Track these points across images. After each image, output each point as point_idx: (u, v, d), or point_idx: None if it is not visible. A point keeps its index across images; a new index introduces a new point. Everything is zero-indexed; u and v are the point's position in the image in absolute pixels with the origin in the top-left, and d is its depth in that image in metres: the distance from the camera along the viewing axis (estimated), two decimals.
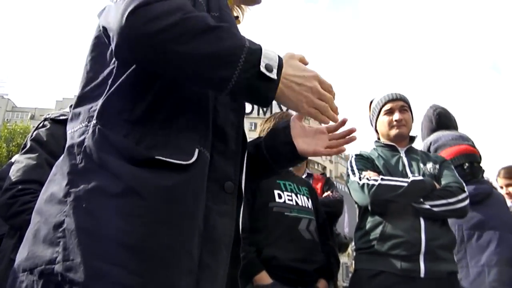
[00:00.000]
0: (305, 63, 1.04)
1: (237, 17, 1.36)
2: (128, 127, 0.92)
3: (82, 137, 0.93)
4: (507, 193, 3.67)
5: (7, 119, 48.42)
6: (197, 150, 0.94)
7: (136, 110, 0.94)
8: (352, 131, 1.30)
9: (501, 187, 3.74)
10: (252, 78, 0.91)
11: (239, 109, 1.11)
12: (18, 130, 26.12)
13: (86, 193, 0.86)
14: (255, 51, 0.92)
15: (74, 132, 0.97)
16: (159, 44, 0.87)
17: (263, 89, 0.94)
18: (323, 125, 1.24)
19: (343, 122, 1.30)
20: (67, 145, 0.96)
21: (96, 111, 0.95)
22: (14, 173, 1.91)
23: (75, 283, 0.81)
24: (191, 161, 0.92)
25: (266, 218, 2.30)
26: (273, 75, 0.93)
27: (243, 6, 1.41)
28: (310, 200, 2.52)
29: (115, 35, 0.89)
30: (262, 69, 0.92)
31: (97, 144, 0.90)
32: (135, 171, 0.87)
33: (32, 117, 48.54)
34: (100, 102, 0.96)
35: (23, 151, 2.02)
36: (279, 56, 0.97)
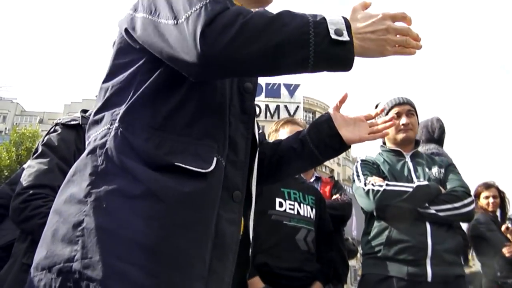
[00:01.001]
0: (368, 6, 1.04)
1: None
2: (149, 131, 0.95)
3: (104, 139, 0.96)
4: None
5: (16, 123, 48.67)
6: (215, 159, 0.97)
7: (158, 116, 0.97)
8: (393, 118, 1.34)
9: None
10: (328, 48, 0.93)
11: (248, 121, 1.13)
12: (27, 134, 26.20)
13: (107, 194, 0.89)
14: (320, 23, 0.94)
15: (97, 134, 1.00)
16: (235, 53, 0.89)
17: (341, 53, 0.95)
18: (361, 114, 1.34)
19: (382, 110, 1.35)
20: (89, 147, 0.98)
21: (119, 114, 0.97)
22: (25, 178, 1.93)
23: (92, 280, 0.83)
24: (209, 170, 0.95)
25: (263, 225, 2.29)
26: (345, 37, 0.94)
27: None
28: (314, 209, 2.51)
29: (192, 62, 0.90)
30: (333, 35, 0.93)
31: (118, 147, 0.93)
32: (155, 176, 0.90)
33: (41, 121, 48.78)
34: (123, 106, 0.98)
35: (34, 155, 2.04)
36: (344, 17, 0.98)
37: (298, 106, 50.08)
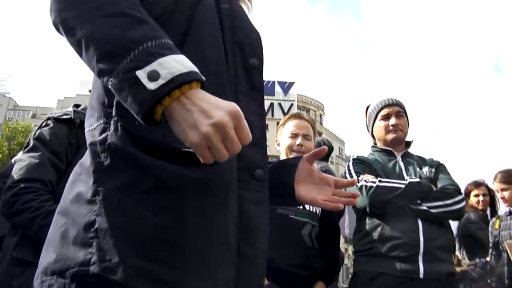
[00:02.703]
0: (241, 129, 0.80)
1: None
2: None
3: (104, 135, 0.90)
4: (501, 197, 3.68)
5: (9, 118, 48.35)
6: None
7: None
8: (356, 195, 1.24)
9: (497, 191, 3.76)
10: (125, 80, 0.75)
11: (259, 98, 1.08)
12: (20, 128, 26.11)
13: (116, 191, 0.84)
14: (152, 54, 0.76)
15: (93, 130, 0.93)
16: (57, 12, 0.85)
17: (132, 97, 0.75)
18: (332, 177, 1.23)
19: (353, 183, 1.27)
20: (88, 144, 0.93)
21: (114, 107, 0.91)
22: (16, 172, 1.92)
23: (115, 284, 0.79)
24: None
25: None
26: (151, 85, 0.73)
27: None
28: (316, 209, 2.50)
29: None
30: (139, 73, 0.74)
31: (121, 141, 0.88)
32: (163, 165, 0.86)
33: (34, 116, 48.49)
34: (116, 98, 0.90)
35: (26, 149, 2.02)
36: (192, 73, 0.78)
37: (292, 104, 50.17)
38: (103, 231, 0.82)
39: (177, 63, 0.77)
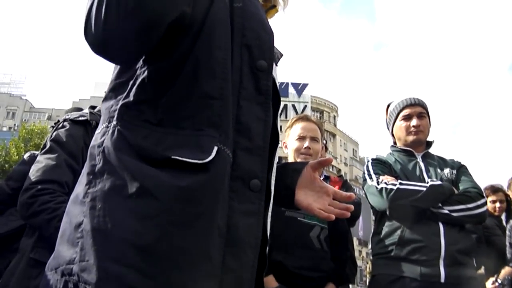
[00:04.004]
0: None
1: (274, 6, 1.31)
2: (149, 128, 0.91)
3: (103, 138, 0.93)
4: None
5: (25, 120, 49.14)
6: (215, 148, 0.91)
7: (157, 111, 0.93)
8: (350, 209, 1.24)
9: None
10: None
11: (265, 102, 1.05)
12: (36, 130, 26.48)
13: (103, 194, 0.86)
14: None
15: (97, 133, 0.97)
16: (111, 33, 0.86)
17: None
18: (332, 188, 1.24)
19: (351, 197, 1.27)
20: (90, 146, 0.96)
21: (116, 111, 0.94)
22: (33, 173, 1.93)
23: (88, 284, 0.81)
24: (206, 160, 0.88)
25: (277, 221, 2.27)
26: None
27: None
28: None
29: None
30: None
31: (114, 145, 0.90)
32: (151, 172, 0.86)
33: (49, 118, 49.11)
34: (120, 103, 0.95)
35: (42, 151, 2.04)
36: None
37: (305, 106, 50.14)
38: (86, 232, 0.85)
39: None
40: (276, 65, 1.23)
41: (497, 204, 4.06)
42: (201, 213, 0.88)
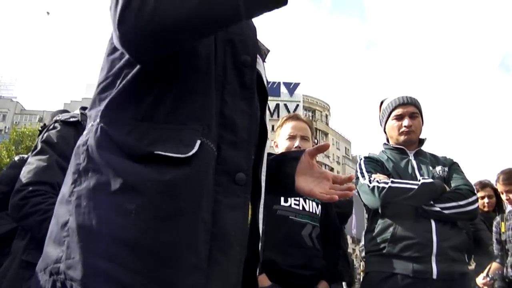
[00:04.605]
0: None
1: None
2: (132, 124, 0.92)
3: (87, 137, 0.93)
4: (507, 199, 3.61)
5: (16, 122, 48.76)
6: (198, 142, 0.91)
7: (141, 107, 0.93)
8: (352, 188, 1.30)
9: (501, 193, 3.68)
10: None
11: (250, 97, 1.06)
12: (27, 132, 26.27)
13: (87, 192, 0.87)
14: None
15: (84, 133, 0.98)
16: (160, 23, 0.85)
17: None
18: (331, 172, 1.27)
19: (350, 178, 1.30)
20: (76, 146, 0.97)
21: (101, 110, 0.94)
22: (25, 175, 1.92)
23: (74, 280, 0.81)
24: (189, 154, 0.89)
25: (268, 220, 2.28)
26: None
27: None
28: (320, 206, 2.50)
29: (126, 50, 0.92)
30: None
31: (98, 143, 0.90)
32: (134, 167, 0.86)
33: (41, 120, 48.76)
34: (105, 101, 0.96)
35: (33, 152, 2.03)
36: None
37: (297, 105, 50.24)
38: (72, 230, 0.85)
39: None
40: (264, 61, 1.24)
41: (486, 200, 4.09)
42: (186, 207, 0.88)
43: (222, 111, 1.00)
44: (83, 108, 2.23)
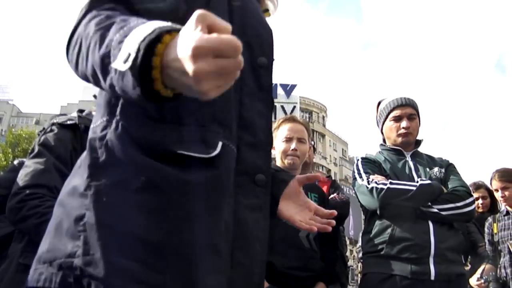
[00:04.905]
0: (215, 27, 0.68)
1: (266, 10, 1.31)
2: (152, 124, 0.90)
3: (104, 132, 0.90)
4: (502, 196, 3.59)
5: (13, 125, 48.63)
6: (220, 143, 0.91)
7: (159, 107, 0.91)
8: (331, 224, 1.27)
9: (496, 190, 3.66)
10: (116, 79, 0.73)
11: (267, 98, 1.07)
12: (24, 135, 26.19)
13: (107, 187, 0.85)
14: (120, 42, 0.72)
15: (96, 127, 0.94)
16: (76, 70, 0.89)
17: (123, 88, 0.72)
18: (314, 204, 1.27)
19: (332, 214, 1.29)
20: (88, 139, 0.93)
21: (119, 106, 0.92)
22: (22, 178, 1.91)
23: (94, 278, 0.80)
24: (212, 154, 0.88)
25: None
26: (122, 67, 0.70)
27: None
28: None
29: None
30: (116, 64, 0.71)
31: (119, 139, 0.88)
32: (156, 166, 0.85)
33: (37, 122, 48.60)
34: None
35: (31, 155, 2.02)
36: (157, 30, 0.69)
37: (294, 106, 50.23)
38: (90, 225, 0.83)
39: (139, 32, 0.70)
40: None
41: (480, 201, 4.09)
42: (208, 207, 0.88)
43: (241, 113, 1.01)
44: (81, 111, 2.22)
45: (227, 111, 0.97)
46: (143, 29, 0.70)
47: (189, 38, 0.65)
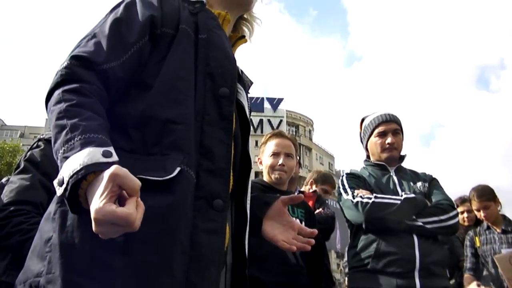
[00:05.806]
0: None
1: (243, 36, 1.38)
2: (122, 154, 0.94)
3: None
4: (484, 216, 3.58)
5: None
6: (178, 168, 0.96)
7: (128, 138, 1.00)
8: (311, 243, 1.37)
9: (478, 210, 3.64)
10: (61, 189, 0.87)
11: (227, 127, 1.12)
12: (8, 148, 25.82)
13: (69, 211, 0.91)
14: (62, 160, 0.88)
15: None
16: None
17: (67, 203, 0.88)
18: (298, 224, 1.37)
19: (313, 233, 1.37)
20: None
21: None
22: (7, 194, 1.89)
23: None
24: (166, 177, 0.94)
25: (252, 237, 2.27)
26: (60, 189, 0.86)
27: (250, 21, 1.42)
28: (303, 222, 2.49)
29: None
30: (56, 184, 0.88)
31: None
32: None
33: (22, 135, 48.10)
34: None
35: (16, 171, 2.00)
36: (83, 168, 0.85)
37: (281, 120, 50.38)
38: (54, 246, 0.90)
39: (72, 165, 0.85)
40: (247, 92, 1.31)
41: (465, 215, 4.13)
42: (165, 230, 0.93)
43: (201, 141, 1.07)
44: None
45: (187, 138, 1.03)
46: (76, 161, 0.85)
47: (95, 202, 0.80)
